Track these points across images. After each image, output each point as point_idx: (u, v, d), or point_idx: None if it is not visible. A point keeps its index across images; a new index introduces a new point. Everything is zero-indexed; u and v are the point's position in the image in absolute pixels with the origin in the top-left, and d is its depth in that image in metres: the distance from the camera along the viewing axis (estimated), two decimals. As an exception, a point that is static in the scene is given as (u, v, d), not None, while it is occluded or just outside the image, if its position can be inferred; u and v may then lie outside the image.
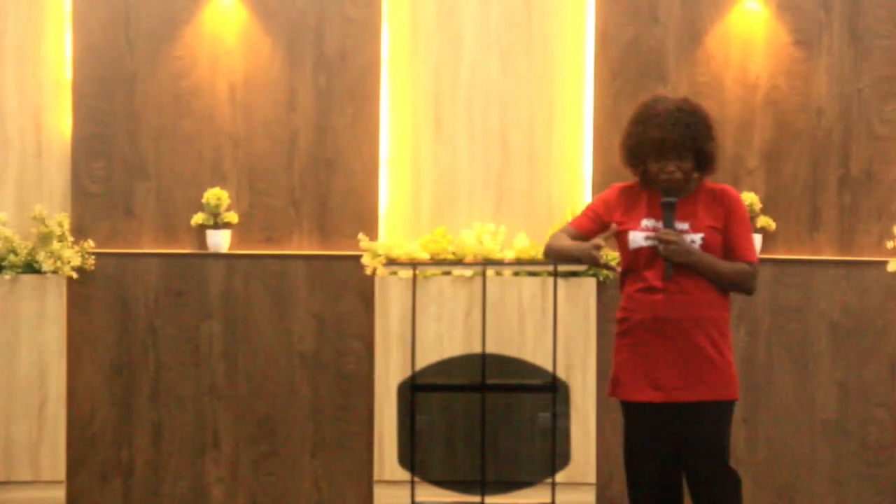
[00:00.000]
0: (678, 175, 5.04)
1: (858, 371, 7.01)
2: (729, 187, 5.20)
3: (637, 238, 5.08)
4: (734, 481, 5.09)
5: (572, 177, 7.05)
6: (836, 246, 7.05)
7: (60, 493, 6.89)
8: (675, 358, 5.05)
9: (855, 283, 7.01)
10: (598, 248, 5.04)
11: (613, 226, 5.13)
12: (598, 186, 7.00)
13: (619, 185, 5.24)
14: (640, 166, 5.13)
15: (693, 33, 7.06)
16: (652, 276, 5.07)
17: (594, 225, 5.18)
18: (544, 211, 7.02)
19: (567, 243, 5.16)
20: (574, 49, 7.07)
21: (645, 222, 5.09)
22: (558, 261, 5.23)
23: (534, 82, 7.05)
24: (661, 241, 5.00)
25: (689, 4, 7.05)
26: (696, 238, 5.05)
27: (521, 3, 7.05)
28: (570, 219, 6.89)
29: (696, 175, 5.11)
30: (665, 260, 5.01)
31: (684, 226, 5.06)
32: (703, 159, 5.08)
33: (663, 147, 5.02)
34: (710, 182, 5.17)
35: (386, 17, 7.06)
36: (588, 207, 5.29)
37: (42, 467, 6.87)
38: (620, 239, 5.15)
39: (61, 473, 6.90)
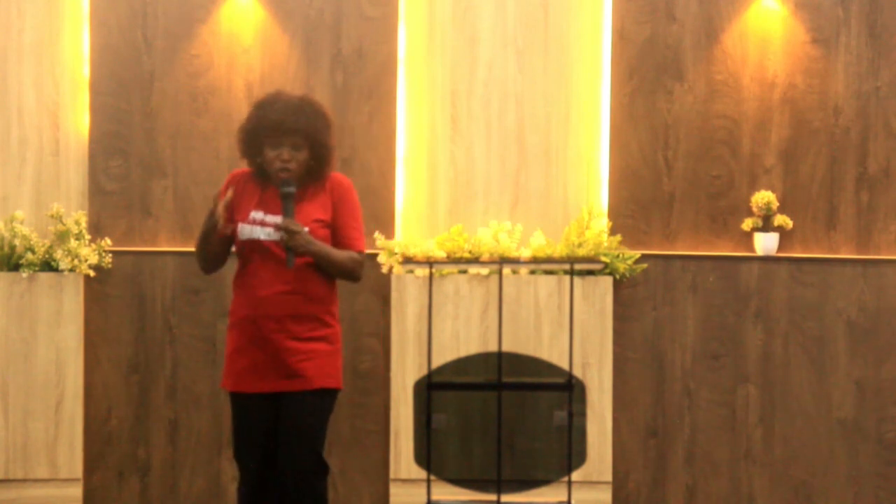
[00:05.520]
0: (293, 164, 5.07)
1: (876, 370, 6.99)
2: (341, 176, 5.23)
3: (246, 230, 5.10)
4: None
5: (589, 175, 7.04)
6: (853, 244, 7.03)
7: (77, 490, 6.90)
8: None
9: (872, 281, 6.99)
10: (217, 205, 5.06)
11: (230, 192, 5.10)
12: (614, 184, 6.99)
13: (235, 171, 5.27)
14: (256, 155, 5.14)
15: (710, 31, 7.04)
16: (261, 270, 5.08)
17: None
18: (561, 209, 7.01)
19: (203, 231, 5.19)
20: (591, 47, 7.06)
21: (254, 214, 5.10)
22: (200, 251, 5.22)
23: (550, 80, 7.05)
24: (286, 231, 4.99)
25: (707, 2, 7.03)
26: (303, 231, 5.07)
27: (537, 1, 7.04)
28: (585, 217, 6.92)
29: (312, 169, 5.13)
30: (287, 250, 5.01)
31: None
32: (319, 153, 5.11)
33: (281, 130, 5.05)
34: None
35: (403, 15, 7.06)
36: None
37: (59, 465, 6.87)
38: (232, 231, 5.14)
39: (78, 471, 6.90)
